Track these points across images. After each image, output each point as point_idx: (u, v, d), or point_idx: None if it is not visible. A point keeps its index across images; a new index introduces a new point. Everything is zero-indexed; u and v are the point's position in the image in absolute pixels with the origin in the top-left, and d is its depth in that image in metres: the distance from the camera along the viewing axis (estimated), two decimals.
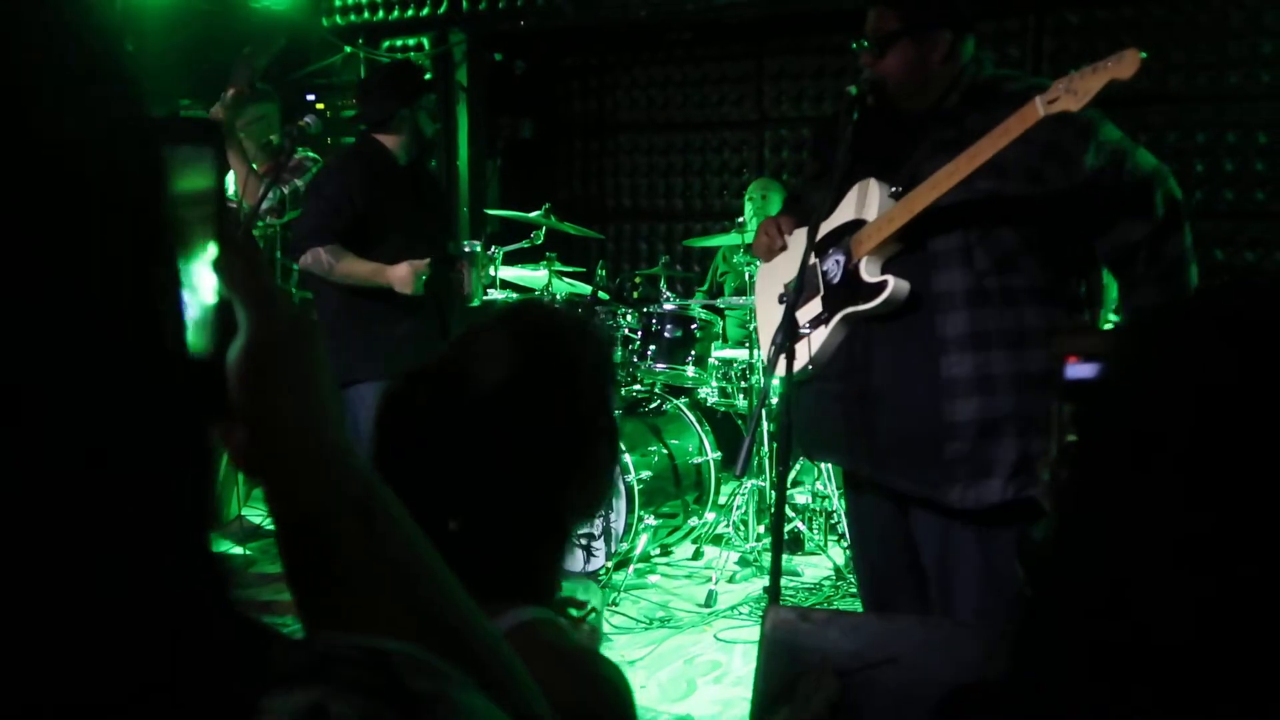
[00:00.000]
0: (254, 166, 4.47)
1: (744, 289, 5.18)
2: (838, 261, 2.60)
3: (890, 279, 2.46)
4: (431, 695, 0.50)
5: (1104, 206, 2.40)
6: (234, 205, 4.66)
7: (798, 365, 2.61)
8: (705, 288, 6.29)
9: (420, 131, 4.09)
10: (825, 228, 2.64)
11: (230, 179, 4.87)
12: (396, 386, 1.28)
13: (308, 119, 3.90)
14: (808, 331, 2.62)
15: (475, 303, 4.25)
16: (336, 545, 0.67)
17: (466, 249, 4.20)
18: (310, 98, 6.52)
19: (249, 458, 0.67)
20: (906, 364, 2.48)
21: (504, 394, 1.23)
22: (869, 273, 2.52)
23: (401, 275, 3.94)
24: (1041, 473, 1.44)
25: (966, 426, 2.38)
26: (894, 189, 2.51)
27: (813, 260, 2.63)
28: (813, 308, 2.64)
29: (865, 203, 2.56)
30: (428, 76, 5.72)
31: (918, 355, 2.45)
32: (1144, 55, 2.18)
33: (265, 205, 4.23)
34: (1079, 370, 1.17)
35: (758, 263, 3.03)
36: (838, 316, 2.58)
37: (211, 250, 0.66)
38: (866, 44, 2.55)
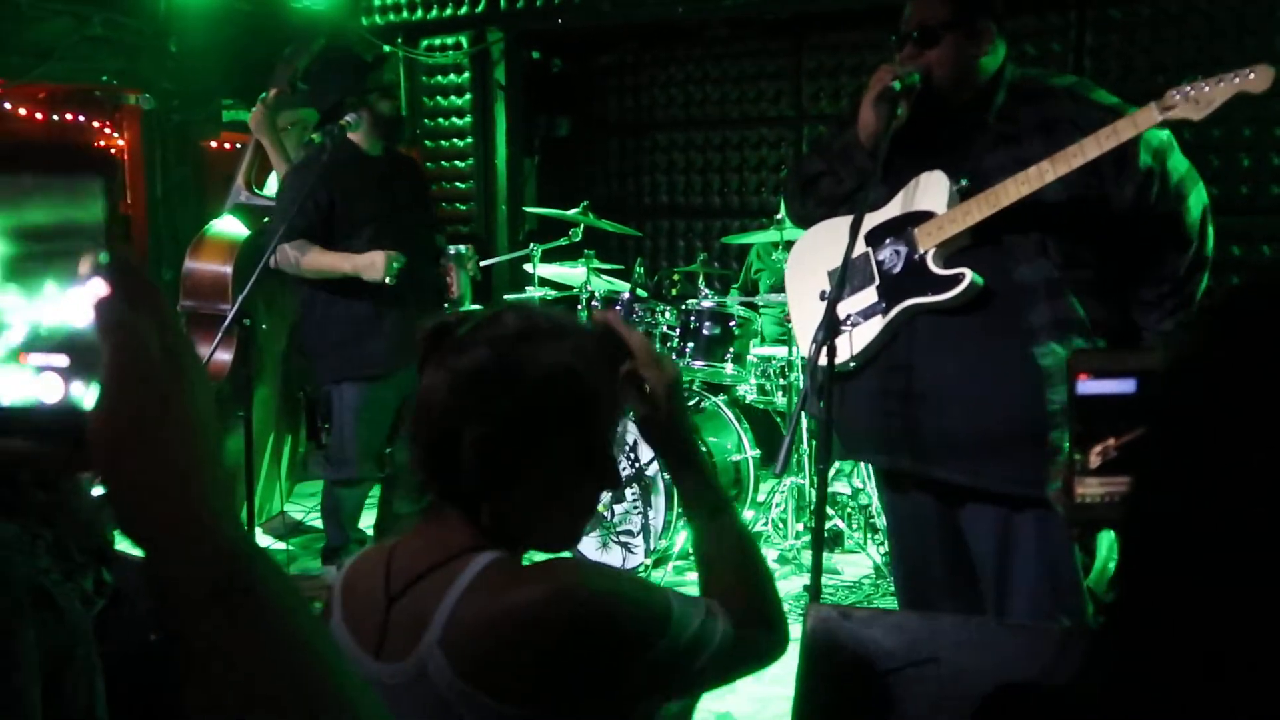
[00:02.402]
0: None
1: (780, 286, 5.16)
2: (897, 252, 2.56)
3: (967, 271, 2.44)
4: None
5: (1150, 214, 2.44)
6: (274, 203, 4.69)
7: (842, 358, 2.58)
8: (739, 285, 6.28)
9: (380, 115, 4.05)
10: (873, 219, 2.61)
11: (273, 179, 4.92)
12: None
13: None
14: (858, 323, 2.59)
15: (466, 304, 4.18)
16: (193, 624, 0.61)
17: (451, 251, 4.16)
18: None
19: (115, 516, 0.61)
20: (992, 357, 2.44)
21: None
22: (938, 264, 2.50)
23: (368, 261, 3.94)
24: (1053, 481, 1.43)
25: (1064, 415, 2.36)
26: (960, 183, 2.49)
27: (863, 249, 2.61)
28: (864, 298, 2.60)
29: (928, 194, 2.53)
30: (381, 52, 5.73)
31: (1006, 348, 2.42)
32: (1276, 71, 2.17)
33: None
34: (1089, 386, 1.20)
35: (786, 257, 3.01)
36: (899, 307, 2.53)
37: (46, 285, 0.61)
38: (915, 35, 2.52)
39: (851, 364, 2.60)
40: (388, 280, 3.93)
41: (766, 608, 1.46)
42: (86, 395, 0.62)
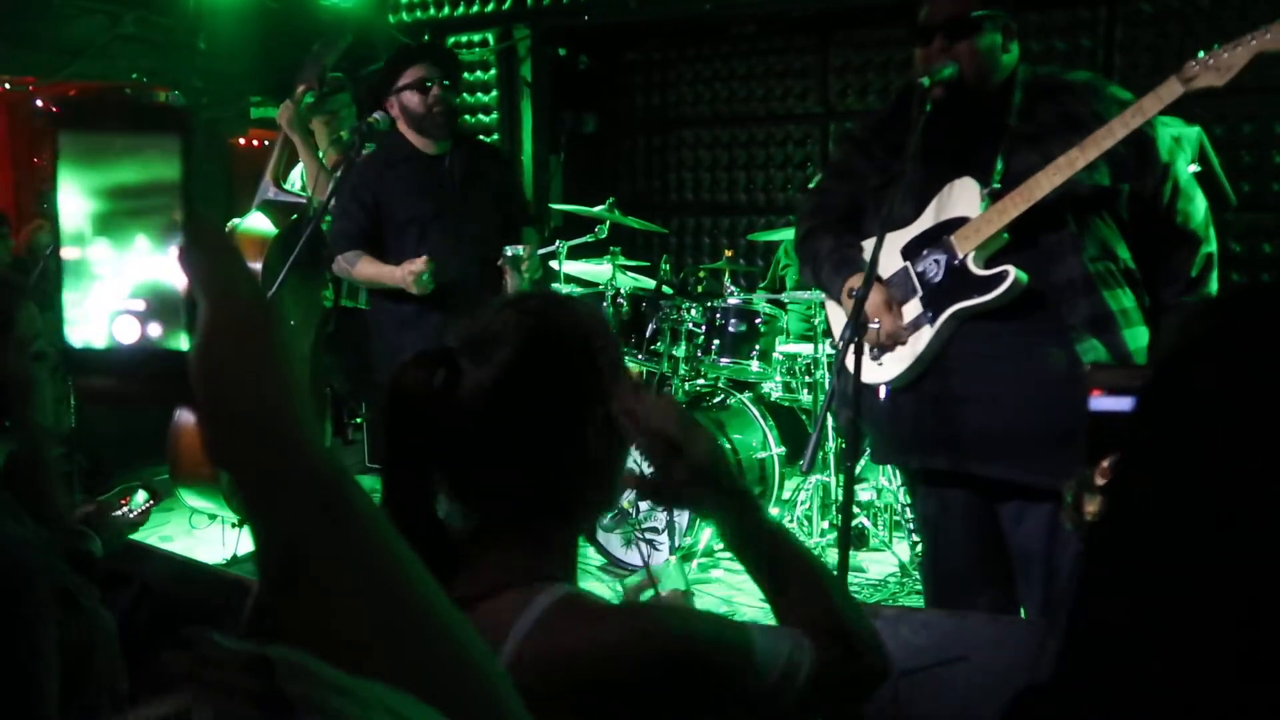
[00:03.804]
0: (323, 161, 4.52)
1: (807, 283, 5.15)
2: (937, 261, 2.55)
3: (1010, 267, 2.42)
4: (306, 700, 0.49)
5: (1164, 211, 2.45)
6: (303, 200, 4.72)
7: (897, 372, 2.58)
8: (766, 282, 6.26)
9: (414, 113, 3.84)
10: (907, 234, 2.61)
11: (298, 173, 4.93)
12: (400, 373, 1.30)
13: (376, 115, 3.91)
14: (905, 335, 2.59)
15: None
16: (297, 539, 0.66)
17: (509, 252, 3.91)
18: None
19: (213, 450, 0.66)
20: (1036, 357, 2.44)
21: (502, 378, 1.25)
22: (979, 266, 2.49)
23: (398, 276, 3.79)
24: (1066, 496, 1.41)
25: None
26: (991, 186, 2.48)
27: (901, 264, 2.60)
28: (909, 311, 2.59)
29: (959, 201, 2.52)
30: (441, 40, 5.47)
31: (1046, 346, 2.42)
32: None
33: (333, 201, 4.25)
34: (1103, 403, 1.19)
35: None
36: (946, 314, 2.52)
37: (175, 240, 0.66)
38: (945, 29, 2.49)
39: (905, 377, 2.59)
40: (415, 290, 3.78)
41: (848, 628, 1.31)
42: (170, 337, 0.68)
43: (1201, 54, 2.23)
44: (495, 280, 3.92)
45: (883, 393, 2.64)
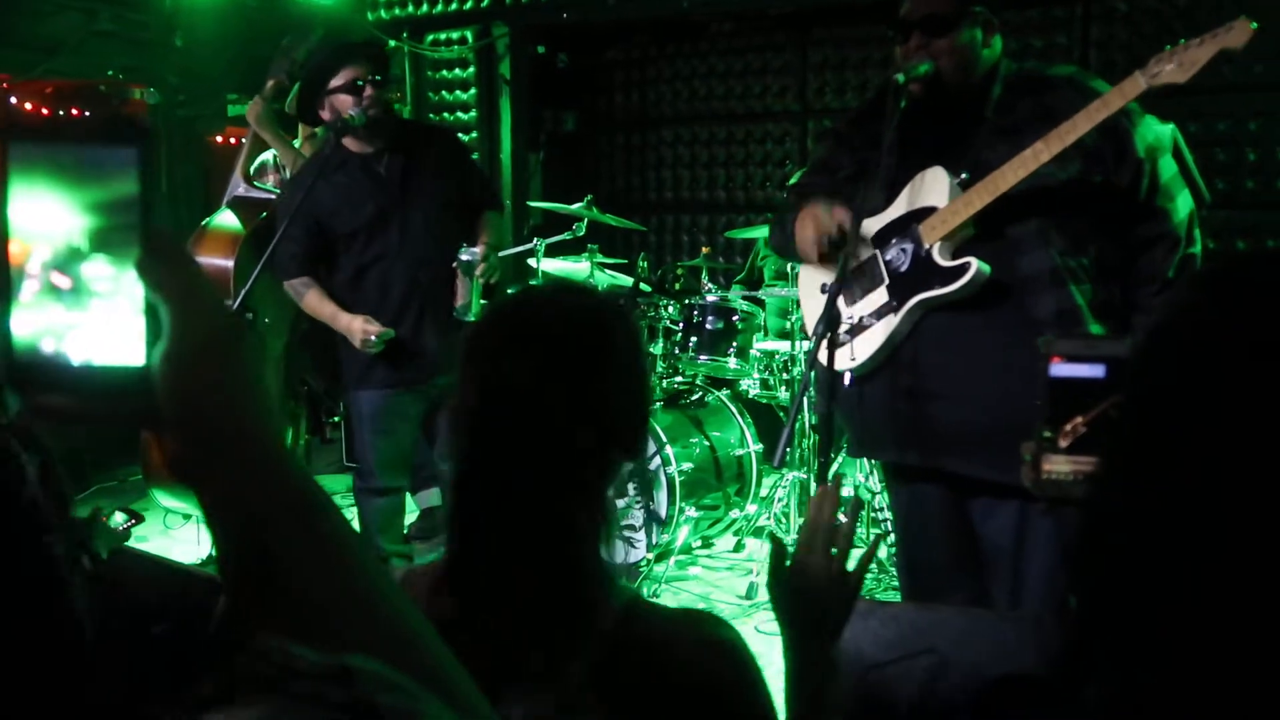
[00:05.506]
0: (300, 153, 4.51)
1: (784, 273, 5.17)
2: (904, 250, 2.56)
3: (972, 259, 2.43)
4: (396, 710, 0.48)
5: (1141, 208, 2.45)
6: (273, 196, 4.70)
7: (860, 359, 2.59)
8: (743, 275, 6.27)
9: (346, 118, 3.63)
10: (877, 222, 2.61)
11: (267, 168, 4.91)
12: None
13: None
14: (870, 324, 2.59)
15: (472, 315, 3.73)
16: (275, 550, 0.65)
17: (463, 257, 3.74)
18: None
19: (182, 464, 0.65)
20: (1001, 351, 2.44)
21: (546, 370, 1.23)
22: (944, 257, 2.50)
23: (345, 327, 3.68)
24: (1025, 455, 1.46)
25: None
26: (960, 176, 2.49)
27: (871, 252, 2.61)
28: (875, 299, 2.60)
29: (930, 190, 2.53)
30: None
31: (1014, 341, 2.41)
32: (1255, 26, 2.16)
33: None
34: (1062, 370, 1.24)
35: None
36: (910, 303, 2.53)
37: (134, 255, 0.64)
38: (923, 24, 2.50)
39: (869, 364, 2.60)
40: (359, 348, 3.68)
41: None
42: (126, 352, 0.66)
43: (1168, 48, 2.24)
44: (454, 277, 3.81)
45: (847, 379, 2.65)
